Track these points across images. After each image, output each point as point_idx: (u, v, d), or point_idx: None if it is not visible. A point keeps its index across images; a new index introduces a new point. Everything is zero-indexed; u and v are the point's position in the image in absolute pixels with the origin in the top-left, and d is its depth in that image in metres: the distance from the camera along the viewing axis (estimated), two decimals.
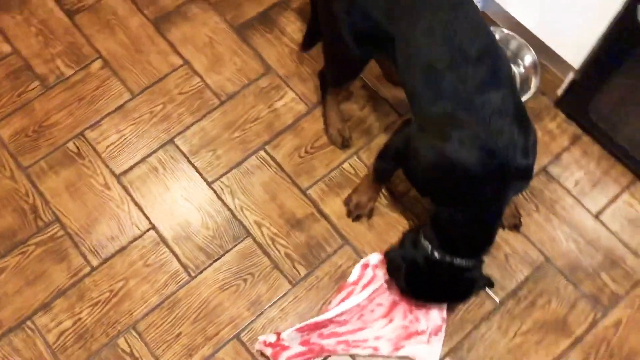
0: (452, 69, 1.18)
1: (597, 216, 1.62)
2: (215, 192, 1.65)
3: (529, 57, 1.73)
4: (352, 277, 1.53)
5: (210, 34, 1.86)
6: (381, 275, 1.51)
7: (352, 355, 1.46)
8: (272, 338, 1.45)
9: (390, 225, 1.60)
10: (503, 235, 1.59)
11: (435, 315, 1.48)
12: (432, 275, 1.34)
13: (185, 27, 1.87)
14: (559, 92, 1.72)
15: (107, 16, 1.88)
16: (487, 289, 1.49)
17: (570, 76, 1.67)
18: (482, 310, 1.52)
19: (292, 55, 1.83)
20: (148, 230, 1.60)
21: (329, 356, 1.46)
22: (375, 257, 1.54)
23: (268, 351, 1.45)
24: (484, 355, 1.47)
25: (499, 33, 1.77)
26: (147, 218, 1.61)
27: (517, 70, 1.76)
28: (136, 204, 1.63)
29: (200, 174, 1.67)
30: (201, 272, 1.55)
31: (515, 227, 1.59)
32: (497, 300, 1.51)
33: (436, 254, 1.31)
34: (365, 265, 1.54)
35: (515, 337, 1.49)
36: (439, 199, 1.29)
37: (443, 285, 1.36)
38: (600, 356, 1.47)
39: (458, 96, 1.17)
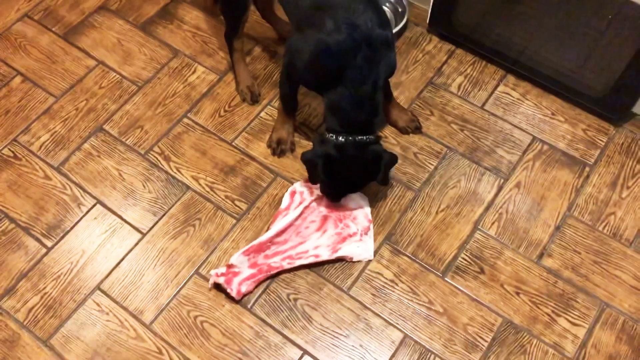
0: None
1: (482, 107, 1.89)
2: (150, 161, 1.80)
3: None
4: (283, 204, 1.70)
5: (117, 35, 2.05)
6: (308, 196, 1.69)
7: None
8: (222, 269, 1.58)
9: None
10: (409, 139, 1.83)
11: (361, 219, 1.67)
12: (344, 158, 1.53)
13: (94, 34, 2.05)
14: (427, 18, 2.01)
15: (18, 40, 2.04)
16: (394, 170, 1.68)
17: (432, 1, 1.96)
18: (405, 200, 1.73)
19: (195, 38, 2.04)
20: (94, 205, 1.72)
21: (275, 279, 1.60)
22: (299, 184, 1.72)
23: (221, 280, 1.56)
24: (415, 234, 1.67)
25: None
26: (91, 195, 1.74)
27: (387, 6, 2.06)
28: (78, 186, 1.75)
29: (133, 149, 1.82)
30: (151, 229, 1.69)
31: (417, 129, 1.83)
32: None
33: (340, 138, 1.52)
34: (293, 193, 1.71)
35: (437, 214, 1.71)
36: (326, 84, 1.50)
37: (355, 163, 1.55)
38: (510, 212, 1.71)
39: None
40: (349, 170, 1.57)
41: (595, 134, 1.84)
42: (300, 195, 1.71)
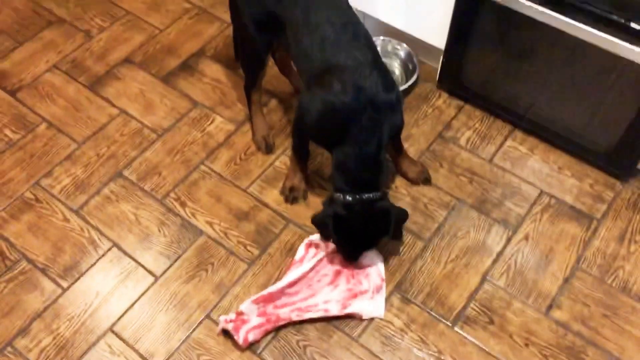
0: (325, 35, 1.54)
1: (490, 160, 1.94)
2: (166, 206, 1.85)
3: (403, 52, 2.14)
4: (298, 256, 1.72)
5: (140, 86, 2.14)
6: (323, 249, 1.71)
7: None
8: (232, 316, 1.59)
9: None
10: (419, 190, 1.87)
11: (374, 276, 1.68)
12: (353, 216, 1.56)
13: (118, 85, 2.15)
14: (437, 76, 2.09)
15: (45, 89, 2.14)
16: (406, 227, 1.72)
17: (441, 60, 2.05)
18: (415, 250, 1.75)
19: (214, 90, 2.13)
20: (111, 248, 1.77)
21: (284, 326, 1.61)
22: (316, 236, 1.75)
23: (229, 326, 1.57)
24: (425, 283, 1.69)
25: (379, 41, 2.17)
26: (108, 238, 1.78)
27: (397, 64, 2.15)
28: (96, 229, 1.80)
29: (150, 194, 1.87)
30: (165, 272, 1.72)
31: (427, 180, 1.88)
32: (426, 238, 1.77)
33: (348, 197, 1.56)
34: (309, 245, 1.74)
35: (447, 264, 1.73)
36: (333, 141, 1.56)
37: (365, 221, 1.58)
38: (518, 263, 1.73)
39: (333, 53, 1.53)
40: (359, 228, 1.59)
41: (602, 188, 1.88)
42: (315, 248, 1.72)
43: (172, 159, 1.95)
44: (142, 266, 1.73)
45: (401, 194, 1.86)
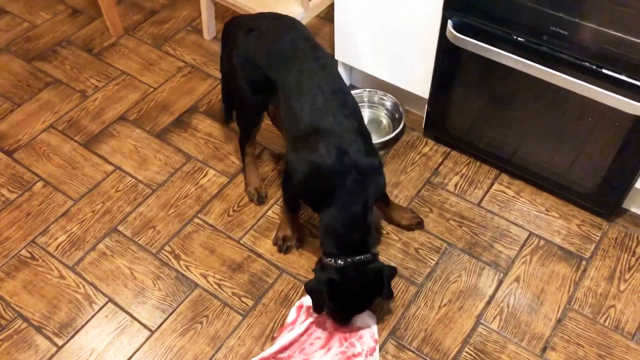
0: (315, 101, 1.60)
1: (478, 204, 1.98)
2: (160, 260, 1.87)
3: (389, 102, 2.21)
4: (289, 319, 1.70)
5: (134, 143, 2.20)
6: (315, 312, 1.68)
7: None
8: None
9: (318, 249, 1.86)
10: (409, 235, 1.90)
11: (368, 338, 1.65)
12: (346, 280, 1.56)
13: (113, 142, 2.20)
14: (423, 124, 2.15)
15: (42, 148, 2.19)
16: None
17: (426, 108, 2.12)
18: (408, 295, 1.77)
19: (207, 144, 2.19)
20: (106, 304, 1.77)
21: None
22: (307, 299, 1.72)
23: None
24: (419, 328, 1.70)
25: (366, 92, 2.24)
26: (103, 294, 1.79)
27: (384, 113, 2.22)
28: (92, 285, 1.81)
29: (145, 248, 1.90)
30: (160, 326, 1.72)
31: (419, 224, 1.91)
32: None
33: (340, 262, 1.57)
34: (300, 307, 1.72)
35: (440, 308, 1.74)
36: (320, 202, 1.59)
37: (358, 284, 1.57)
38: (511, 305, 1.74)
39: (320, 118, 1.58)
40: (354, 292, 1.59)
41: (589, 229, 1.91)
42: (307, 310, 1.71)
43: (166, 213, 1.99)
44: (138, 321, 1.74)
45: (392, 239, 1.89)
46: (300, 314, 1.72)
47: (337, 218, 1.56)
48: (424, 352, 1.65)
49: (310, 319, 1.68)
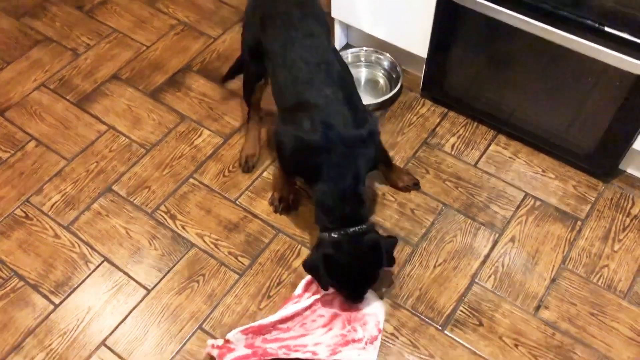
0: (299, 74, 1.57)
1: (475, 165, 1.97)
2: (156, 219, 1.86)
3: (387, 62, 2.18)
4: (298, 291, 1.67)
5: (127, 102, 2.16)
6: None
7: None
8: (220, 342, 1.56)
9: (314, 209, 1.86)
10: (406, 196, 1.90)
11: (371, 326, 1.61)
12: (343, 253, 1.52)
13: (105, 101, 2.17)
14: (420, 84, 2.13)
15: (33, 107, 2.15)
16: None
17: (424, 68, 2.09)
18: (403, 254, 1.78)
19: (201, 104, 2.16)
20: (102, 263, 1.77)
21: None
22: None
23: (215, 352, 1.55)
24: (414, 287, 1.71)
25: (363, 51, 2.21)
26: (99, 253, 1.79)
27: (381, 73, 2.19)
28: (87, 244, 1.81)
29: (140, 208, 1.89)
30: (157, 285, 1.73)
31: (416, 185, 1.90)
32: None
33: (334, 235, 1.54)
34: (309, 282, 1.69)
35: (435, 268, 1.75)
36: (309, 176, 1.58)
37: (355, 256, 1.53)
38: (506, 265, 1.75)
39: (305, 91, 1.55)
40: (351, 265, 1.55)
41: (585, 190, 1.92)
42: (315, 286, 1.68)
43: (161, 173, 1.97)
44: (134, 279, 1.74)
45: (388, 200, 1.89)
46: (309, 289, 1.69)
47: (327, 192, 1.54)
48: (418, 310, 1.67)
49: (317, 296, 1.65)
